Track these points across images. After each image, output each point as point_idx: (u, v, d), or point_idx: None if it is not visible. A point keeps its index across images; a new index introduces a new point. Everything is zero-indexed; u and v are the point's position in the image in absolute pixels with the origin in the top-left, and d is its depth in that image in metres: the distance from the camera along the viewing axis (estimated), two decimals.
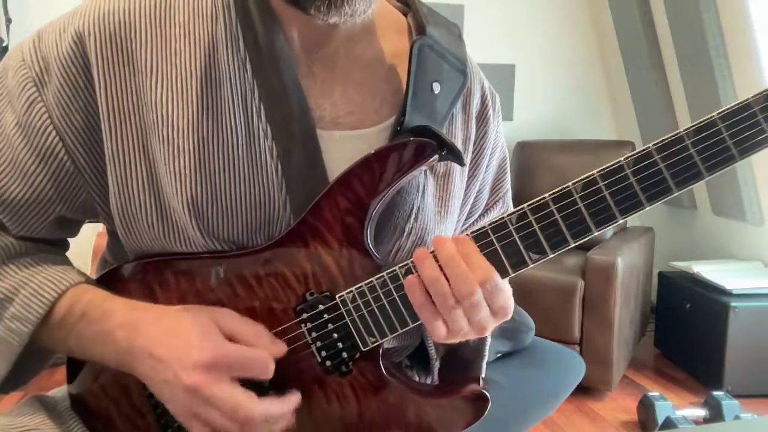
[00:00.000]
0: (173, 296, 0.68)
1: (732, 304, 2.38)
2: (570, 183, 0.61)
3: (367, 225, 0.67)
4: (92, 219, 0.74)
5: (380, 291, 0.65)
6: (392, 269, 0.65)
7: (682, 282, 2.72)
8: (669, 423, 2.05)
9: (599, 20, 3.37)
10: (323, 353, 0.67)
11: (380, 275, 0.65)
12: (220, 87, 0.66)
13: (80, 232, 0.77)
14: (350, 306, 0.66)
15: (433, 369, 0.78)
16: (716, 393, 2.19)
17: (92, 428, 0.71)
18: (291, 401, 0.64)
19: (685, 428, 1.92)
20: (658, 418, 2.10)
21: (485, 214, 0.85)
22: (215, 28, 0.67)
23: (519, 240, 0.62)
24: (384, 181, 0.66)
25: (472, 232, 0.63)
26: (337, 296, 0.66)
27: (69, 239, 0.77)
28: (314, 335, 0.66)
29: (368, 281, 0.65)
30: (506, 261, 0.63)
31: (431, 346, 0.77)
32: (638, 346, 2.82)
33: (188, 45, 0.66)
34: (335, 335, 0.66)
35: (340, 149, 0.69)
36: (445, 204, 0.76)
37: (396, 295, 0.65)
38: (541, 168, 2.98)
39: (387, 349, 0.76)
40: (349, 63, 0.72)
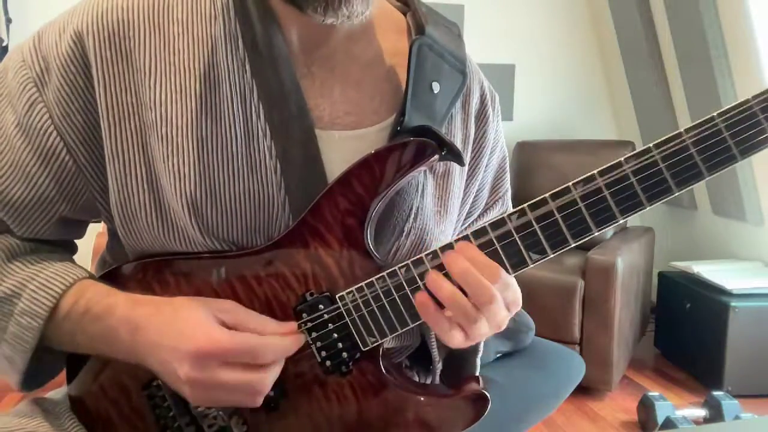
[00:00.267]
0: (173, 296, 0.68)
1: (732, 304, 2.38)
2: (570, 183, 0.61)
3: (367, 225, 0.66)
4: (96, 219, 0.74)
5: (380, 291, 0.65)
6: (392, 269, 0.65)
7: (682, 282, 2.72)
8: (669, 423, 2.05)
9: (599, 20, 3.37)
10: (323, 353, 0.67)
11: (380, 275, 0.65)
12: (219, 86, 0.66)
13: (86, 232, 0.77)
14: (350, 306, 0.66)
15: (435, 370, 0.78)
16: (716, 393, 2.19)
17: (91, 430, 0.71)
18: (294, 339, 0.64)
19: (685, 428, 1.92)
20: (658, 418, 2.09)
21: (484, 214, 0.85)
22: (214, 28, 0.67)
23: (519, 240, 0.62)
24: (384, 182, 0.66)
25: (472, 232, 0.63)
26: (337, 296, 0.66)
27: (75, 240, 0.77)
28: (314, 335, 0.66)
29: (368, 281, 0.65)
30: (506, 261, 0.63)
31: (434, 348, 0.77)
32: (638, 346, 2.82)
33: (187, 44, 0.66)
34: (335, 335, 0.66)
35: (339, 149, 0.69)
36: (445, 203, 0.75)
37: (396, 295, 0.65)
38: (541, 168, 2.98)
39: (387, 350, 0.76)
40: (348, 63, 0.72)
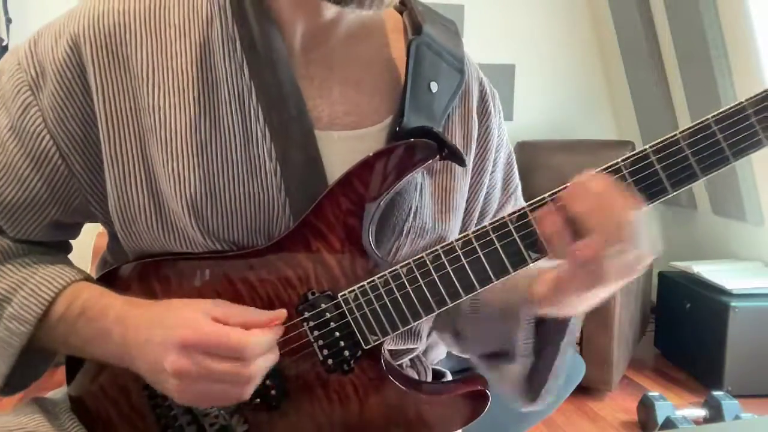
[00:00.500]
0: (173, 297, 0.67)
1: (732, 304, 2.38)
2: (569, 182, 0.61)
3: (368, 226, 0.67)
4: (89, 222, 0.74)
5: (382, 289, 0.65)
6: (394, 268, 0.65)
7: (682, 282, 2.72)
8: (669, 423, 2.05)
9: (599, 20, 3.37)
10: (325, 352, 0.67)
11: (382, 274, 0.65)
12: (218, 89, 0.66)
13: (80, 233, 0.77)
14: (352, 305, 0.66)
15: (512, 374, 0.72)
16: (716, 393, 2.19)
17: (91, 430, 0.71)
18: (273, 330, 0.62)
19: (685, 428, 1.92)
20: (658, 418, 2.09)
21: (498, 213, 0.84)
22: (211, 30, 0.67)
23: (519, 239, 0.62)
24: (385, 183, 0.66)
25: (473, 232, 0.63)
26: (339, 295, 0.66)
27: (71, 241, 0.77)
28: (316, 334, 0.66)
29: (370, 280, 0.65)
30: (507, 260, 0.63)
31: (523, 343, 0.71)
32: (638, 346, 2.82)
33: (184, 47, 0.66)
34: (337, 333, 0.66)
35: (339, 150, 0.69)
36: (446, 201, 0.75)
37: (398, 294, 0.65)
38: (541, 168, 2.98)
39: (389, 351, 0.76)
40: (347, 62, 0.72)
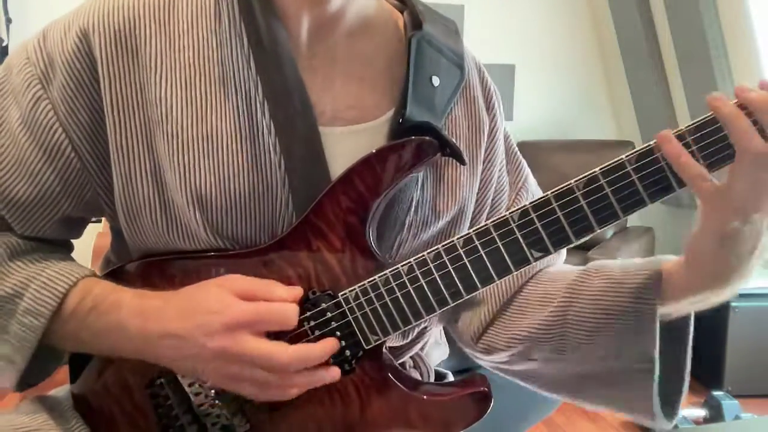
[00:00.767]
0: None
1: (732, 304, 2.38)
2: (572, 180, 0.61)
3: (369, 224, 0.67)
4: (97, 217, 0.74)
5: (383, 289, 0.65)
6: (395, 267, 0.65)
7: None
8: None
9: (599, 20, 3.37)
10: None
11: (383, 273, 0.65)
12: (225, 83, 0.67)
13: (84, 232, 0.77)
14: (353, 304, 0.66)
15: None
16: (716, 393, 2.19)
17: (94, 428, 0.71)
18: (326, 344, 0.63)
19: (685, 428, 1.92)
20: None
21: (512, 207, 0.83)
22: (219, 25, 0.67)
23: (521, 237, 0.62)
24: (385, 181, 0.66)
25: (474, 230, 0.64)
26: (340, 294, 0.66)
27: (72, 240, 0.77)
28: (317, 333, 0.66)
29: (371, 279, 0.65)
30: (509, 258, 0.63)
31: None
32: None
33: (192, 41, 0.67)
34: (338, 333, 0.66)
35: (342, 145, 0.69)
36: (453, 193, 0.75)
37: (398, 293, 0.65)
38: (541, 168, 2.96)
39: (391, 348, 0.76)
40: (349, 57, 0.72)
